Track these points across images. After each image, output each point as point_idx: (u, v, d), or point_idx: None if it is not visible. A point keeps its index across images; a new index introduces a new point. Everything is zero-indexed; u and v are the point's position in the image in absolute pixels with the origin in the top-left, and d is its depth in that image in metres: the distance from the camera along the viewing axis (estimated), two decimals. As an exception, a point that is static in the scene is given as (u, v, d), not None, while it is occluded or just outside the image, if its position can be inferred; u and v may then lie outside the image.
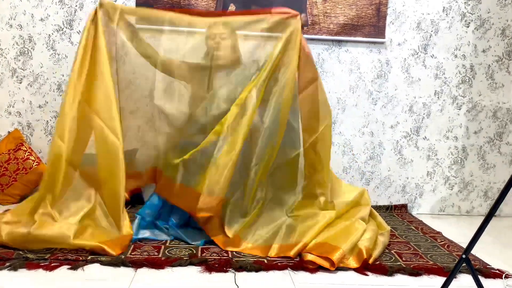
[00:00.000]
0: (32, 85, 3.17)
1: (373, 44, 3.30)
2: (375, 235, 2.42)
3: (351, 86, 3.33)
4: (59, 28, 3.14)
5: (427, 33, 3.32)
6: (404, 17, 3.29)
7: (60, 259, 2.10)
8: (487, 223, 1.60)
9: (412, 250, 2.49)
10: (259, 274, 2.09)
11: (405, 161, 3.40)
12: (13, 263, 2.03)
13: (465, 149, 3.42)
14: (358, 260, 2.20)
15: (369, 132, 3.37)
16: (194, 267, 2.12)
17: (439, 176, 3.43)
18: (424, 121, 3.38)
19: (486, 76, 3.37)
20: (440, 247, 2.55)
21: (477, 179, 3.44)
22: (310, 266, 2.16)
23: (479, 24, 3.32)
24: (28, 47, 3.14)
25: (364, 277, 2.12)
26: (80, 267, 2.05)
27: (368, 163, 3.39)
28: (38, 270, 2.00)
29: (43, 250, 2.18)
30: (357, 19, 3.26)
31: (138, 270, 2.06)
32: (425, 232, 2.85)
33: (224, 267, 2.11)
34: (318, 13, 3.24)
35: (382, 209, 3.28)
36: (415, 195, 3.43)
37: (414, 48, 3.32)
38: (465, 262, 1.63)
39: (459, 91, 3.37)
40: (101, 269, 2.05)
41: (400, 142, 3.39)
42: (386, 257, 2.35)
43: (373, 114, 3.36)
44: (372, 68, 3.33)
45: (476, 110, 3.39)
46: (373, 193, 3.38)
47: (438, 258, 2.36)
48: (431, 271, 2.18)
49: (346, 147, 3.37)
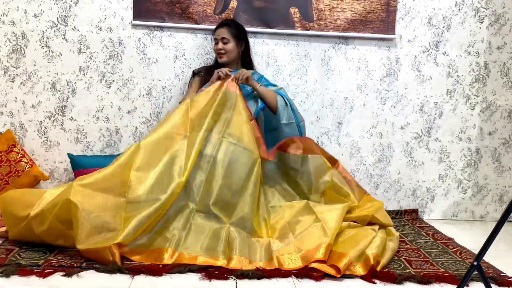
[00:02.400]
0: (25, 84, 3.20)
1: (382, 41, 3.32)
2: (384, 242, 2.44)
3: (359, 85, 3.35)
4: (53, 25, 3.17)
5: (439, 29, 3.33)
6: (415, 12, 3.31)
7: (54, 266, 2.12)
8: (500, 228, 1.61)
9: (422, 257, 2.50)
10: (261, 281, 2.11)
11: (416, 164, 3.41)
12: (5, 269, 2.05)
13: (479, 151, 3.42)
14: (365, 267, 2.21)
15: (377, 133, 3.38)
16: (193, 274, 2.13)
17: (451, 179, 3.43)
18: (436, 122, 3.39)
19: (501, 74, 3.37)
20: (452, 254, 2.56)
21: (492, 183, 3.45)
22: (315, 274, 2.17)
23: (493, 20, 3.33)
24: (21, 44, 3.17)
25: (372, 285, 2.13)
26: (75, 274, 2.06)
27: (376, 165, 3.40)
28: (31, 277, 2.02)
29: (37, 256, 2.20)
30: (365, 14, 3.27)
31: (135, 277, 2.08)
32: (436, 238, 2.85)
33: (224, 274, 2.12)
34: (324, 8, 3.25)
35: (392, 214, 3.28)
36: (426, 200, 3.44)
37: (425, 45, 3.34)
38: (476, 269, 1.64)
39: (472, 90, 3.38)
40: (97, 276, 2.07)
41: (411, 143, 3.40)
42: (395, 264, 2.36)
43: (382, 114, 3.37)
44: (381, 66, 3.34)
45: (491, 110, 3.40)
46: (382, 197, 3.39)
47: (450, 266, 2.37)
48: (442, 279, 2.19)
49: (353, 149, 3.38)
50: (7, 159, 3.08)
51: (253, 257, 2.30)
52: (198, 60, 3.25)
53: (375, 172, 3.41)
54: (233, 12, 3.22)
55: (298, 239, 2.37)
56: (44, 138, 3.24)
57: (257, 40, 3.28)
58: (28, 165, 3.11)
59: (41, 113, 3.23)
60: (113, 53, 3.22)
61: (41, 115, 3.23)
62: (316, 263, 2.21)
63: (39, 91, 3.21)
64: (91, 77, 3.22)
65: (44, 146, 3.25)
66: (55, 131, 3.24)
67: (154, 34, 3.23)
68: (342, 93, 3.34)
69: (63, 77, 3.20)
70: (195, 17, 3.20)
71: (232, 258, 2.26)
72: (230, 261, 2.25)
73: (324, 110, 3.33)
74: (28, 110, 3.22)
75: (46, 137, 3.24)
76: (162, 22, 3.20)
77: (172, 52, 3.25)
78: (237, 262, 2.24)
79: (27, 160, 3.12)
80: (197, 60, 3.25)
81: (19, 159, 3.10)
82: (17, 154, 3.11)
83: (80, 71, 3.21)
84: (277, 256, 2.29)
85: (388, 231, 2.62)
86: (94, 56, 3.21)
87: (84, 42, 3.19)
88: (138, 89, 3.25)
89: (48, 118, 3.23)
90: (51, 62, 3.19)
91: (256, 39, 3.28)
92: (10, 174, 3.07)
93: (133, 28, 3.21)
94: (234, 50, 3.00)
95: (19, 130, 3.23)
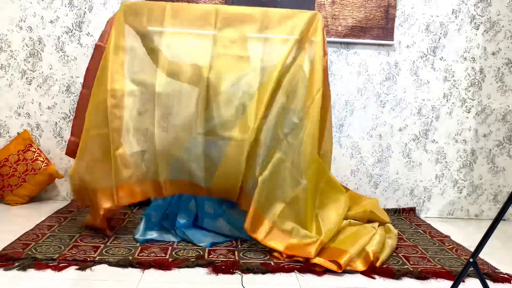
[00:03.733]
0: (41, 86, 3.21)
1: (381, 47, 3.31)
2: (383, 239, 2.44)
3: (359, 88, 3.34)
4: (69, 30, 3.18)
5: (436, 35, 3.32)
6: (413, 20, 3.30)
7: (68, 260, 2.13)
8: (495, 226, 1.60)
9: (419, 253, 2.49)
10: (266, 276, 2.11)
11: (414, 164, 3.40)
12: (22, 263, 2.06)
13: (474, 152, 3.41)
14: (365, 263, 2.21)
15: (377, 135, 3.38)
16: (201, 269, 2.14)
17: (447, 179, 3.42)
18: (433, 124, 3.38)
19: (495, 79, 3.36)
20: (448, 251, 2.55)
21: (486, 183, 3.43)
22: (317, 269, 2.17)
23: (488, 27, 3.32)
24: (38, 48, 3.19)
25: (371, 280, 2.13)
26: (89, 268, 2.07)
27: (376, 166, 3.40)
28: (47, 270, 2.03)
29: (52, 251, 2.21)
30: (365, 21, 3.27)
31: (145, 271, 2.08)
32: (433, 235, 2.84)
33: (230, 268, 2.12)
34: (326, 15, 3.25)
35: (390, 212, 3.28)
36: (424, 199, 3.43)
37: (423, 51, 3.33)
38: (472, 266, 1.64)
39: (468, 94, 3.37)
40: (109, 270, 2.08)
41: (409, 145, 3.39)
42: (393, 260, 2.36)
43: (382, 116, 3.36)
44: (381, 71, 3.33)
45: (486, 113, 3.39)
46: (381, 196, 3.38)
47: (446, 262, 2.36)
48: (438, 274, 2.18)
49: (354, 150, 3.38)
50: (24, 158, 3.10)
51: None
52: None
53: (375, 172, 3.40)
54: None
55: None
56: (59, 138, 3.25)
57: (262, 46, 3.27)
58: (44, 164, 3.12)
59: (56, 114, 3.24)
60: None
61: (56, 116, 3.24)
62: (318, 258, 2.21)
63: (55, 93, 3.22)
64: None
65: (59, 146, 3.26)
66: (70, 131, 3.25)
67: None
68: (343, 96, 3.34)
69: (78, 80, 3.21)
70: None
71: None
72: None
73: (326, 113, 3.33)
74: (44, 111, 3.23)
75: (61, 137, 3.25)
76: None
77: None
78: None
79: (43, 159, 3.13)
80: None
81: (35, 158, 3.11)
82: (34, 153, 3.12)
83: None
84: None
85: (387, 228, 2.62)
86: (107, 60, 3.22)
87: (98, 47, 3.20)
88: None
89: (63, 119, 3.24)
90: (66, 66, 3.21)
91: (261, 45, 3.27)
92: (27, 172, 3.08)
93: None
94: None
95: (35, 131, 3.24)
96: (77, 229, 2.59)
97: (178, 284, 1.99)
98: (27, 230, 2.53)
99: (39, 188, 3.14)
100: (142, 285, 1.95)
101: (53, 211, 2.95)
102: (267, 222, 2.33)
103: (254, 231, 2.32)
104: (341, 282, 2.08)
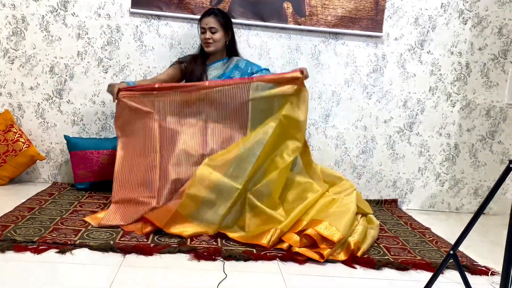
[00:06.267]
0: (24, 66, 3.14)
1: (370, 38, 3.31)
2: (365, 229, 2.46)
3: (347, 79, 3.34)
4: (53, 10, 3.11)
5: (424, 28, 3.32)
6: (402, 12, 3.30)
7: (48, 243, 2.10)
8: (476, 220, 1.62)
9: (400, 245, 2.51)
10: (248, 263, 2.11)
11: (397, 156, 3.43)
12: (1, 245, 2.02)
13: (457, 147, 3.45)
14: (346, 252, 2.23)
15: (362, 126, 3.39)
16: (183, 255, 2.13)
17: (430, 172, 3.46)
18: (418, 117, 3.40)
19: (481, 74, 3.39)
20: (428, 243, 2.58)
21: (468, 177, 3.48)
22: (299, 258, 2.18)
23: (476, 22, 3.33)
24: (21, 27, 3.11)
25: (352, 269, 2.14)
26: (69, 251, 2.05)
27: (360, 157, 3.41)
28: (26, 253, 2.00)
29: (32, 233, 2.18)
30: (355, 11, 3.26)
31: (126, 256, 2.07)
32: (414, 227, 2.87)
33: (213, 255, 2.12)
34: (316, 4, 3.23)
35: (373, 203, 3.30)
36: (406, 191, 3.46)
37: (410, 44, 3.33)
38: (452, 258, 1.66)
39: (453, 88, 3.39)
40: (90, 254, 2.06)
41: (393, 137, 3.41)
42: (374, 251, 2.38)
43: (367, 108, 3.37)
44: (368, 62, 3.33)
45: (470, 108, 3.42)
46: (364, 187, 3.40)
47: (426, 254, 2.39)
48: (418, 266, 2.21)
49: (338, 140, 3.38)
50: (4, 139, 3.03)
51: None
52: (193, 50, 3.21)
53: (358, 163, 3.42)
54: (229, 4, 3.18)
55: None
56: (42, 119, 3.20)
57: (251, 32, 3.25)
58: (25, 145, 3.06)
59: (39, 95, 3.18)
60: (111, 40, 3.17)
61: (39, 97, 3.18)
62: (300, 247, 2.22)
63: (38, 73, 3.16)
64: (88, 62, 3.17)
65: (41, 127, 3.20)
66: (52, 113, 3.20)
67: (151, 22, 3.18)
68: (330, 86, 3.33)
69: (62, 61, 3.15)
70: (192, 7, 3.16)
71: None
72: None
73: (312, 103, 3.32)
74: (26, 91, 3.17)
75: (43, 119, 3.20)
76: (159, 11, 3.15)
77: (168, 40, 3.21)
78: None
79: (24, 140, 3.07)
80: (192, 49, 3.21)
81: (16, 139, 3.05)
82: (15, 134, 3.06)
83: (78, 55, 3.16)
84: None
85: (369, 219, 2.64)
86: (92, 42, 3.16)
87: (83, 28, 3.14)
88: (134, 75, 3.21)
89: (46, 100, 3.18)
90: (50, 46, 3.14)
91: (250, 32, 3.25)
92: (7, 153, 3.03)
93: (131, 16, 3.16)
94: (221, 39, 2.89)
95: (17, 111, 3.18)
96: (58, 212, 2.56)
97: (159, 269, 1.97)
98: (6, 212, 2.48)
99: (19, 169, 3.09)
100: (123, 269, 1.93)
101: (34, 194, 2.90)
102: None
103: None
104: (322, 271, 2.09)
